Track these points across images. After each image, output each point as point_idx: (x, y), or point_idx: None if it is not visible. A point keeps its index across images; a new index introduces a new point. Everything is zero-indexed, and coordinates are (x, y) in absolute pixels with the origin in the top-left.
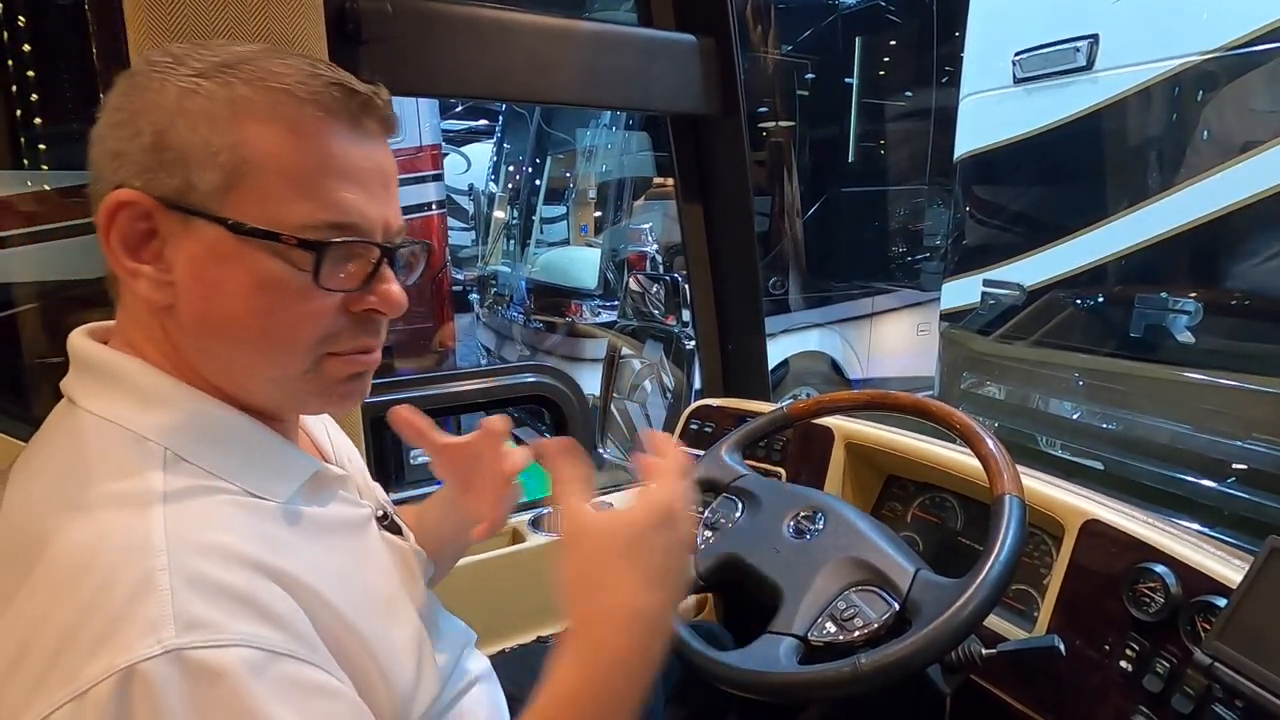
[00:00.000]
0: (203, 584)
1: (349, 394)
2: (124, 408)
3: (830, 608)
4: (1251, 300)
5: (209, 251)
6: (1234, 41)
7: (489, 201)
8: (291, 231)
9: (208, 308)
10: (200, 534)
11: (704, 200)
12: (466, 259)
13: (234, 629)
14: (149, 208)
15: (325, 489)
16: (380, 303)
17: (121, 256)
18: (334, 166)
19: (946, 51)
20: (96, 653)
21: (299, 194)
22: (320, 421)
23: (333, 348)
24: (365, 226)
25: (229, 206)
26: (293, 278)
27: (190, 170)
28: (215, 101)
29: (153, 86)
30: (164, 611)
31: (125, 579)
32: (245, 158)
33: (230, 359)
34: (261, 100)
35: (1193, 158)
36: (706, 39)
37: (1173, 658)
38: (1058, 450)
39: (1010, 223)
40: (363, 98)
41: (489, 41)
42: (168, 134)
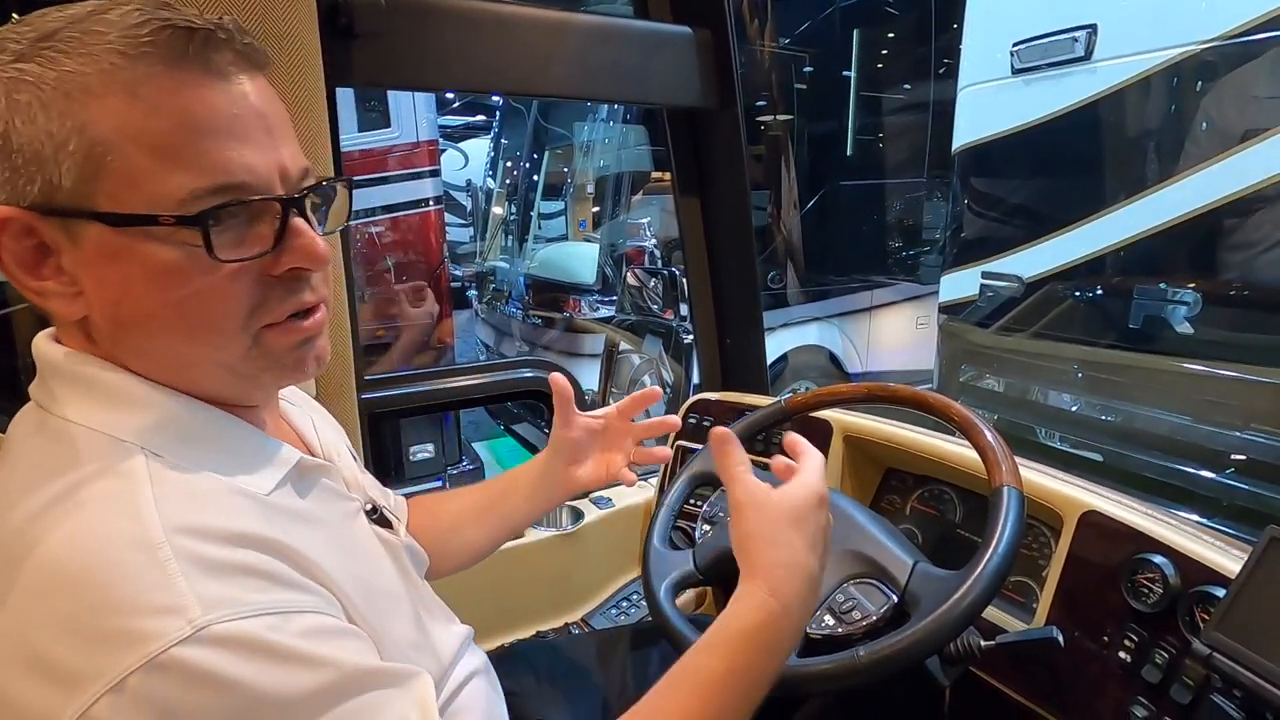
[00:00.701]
0: (210, 564)
1: (301, 362)
2: (97, 412)
3: (829, 600)
4: (1251, 291)
5: (99, 252)
6: (1232, 30)
7: (487, 197)
8: (171, 210)
9: (119, 311)
10: (194, 519)
11: (701, 194)
12: (465, 255)
13: (252, 600)
14: (26, 221)
15: (308, 479)
16: (300, 258)
17: (22, 278)
18: (197, 123)
19: (944, 43)
20: (126, 643)
21: (170, 165)
22: (307, 415)
23: (267, 318)
24: (256, 182)
25: (100, 198)
26: (191, 259)
27: (44, 169)
28: (43, 85)
29: None
30: (183, 594)
31: (136, 571)
32: (95, 139)
33: (166, 355)
34: (91, 69)
35: (1192, 147)
36: (703, 31)
37: (1171, 648)
38: (1057, 442)
39: (1009, 214)
40: (203, 33)
41: (484, 34)
42: (9, 135)
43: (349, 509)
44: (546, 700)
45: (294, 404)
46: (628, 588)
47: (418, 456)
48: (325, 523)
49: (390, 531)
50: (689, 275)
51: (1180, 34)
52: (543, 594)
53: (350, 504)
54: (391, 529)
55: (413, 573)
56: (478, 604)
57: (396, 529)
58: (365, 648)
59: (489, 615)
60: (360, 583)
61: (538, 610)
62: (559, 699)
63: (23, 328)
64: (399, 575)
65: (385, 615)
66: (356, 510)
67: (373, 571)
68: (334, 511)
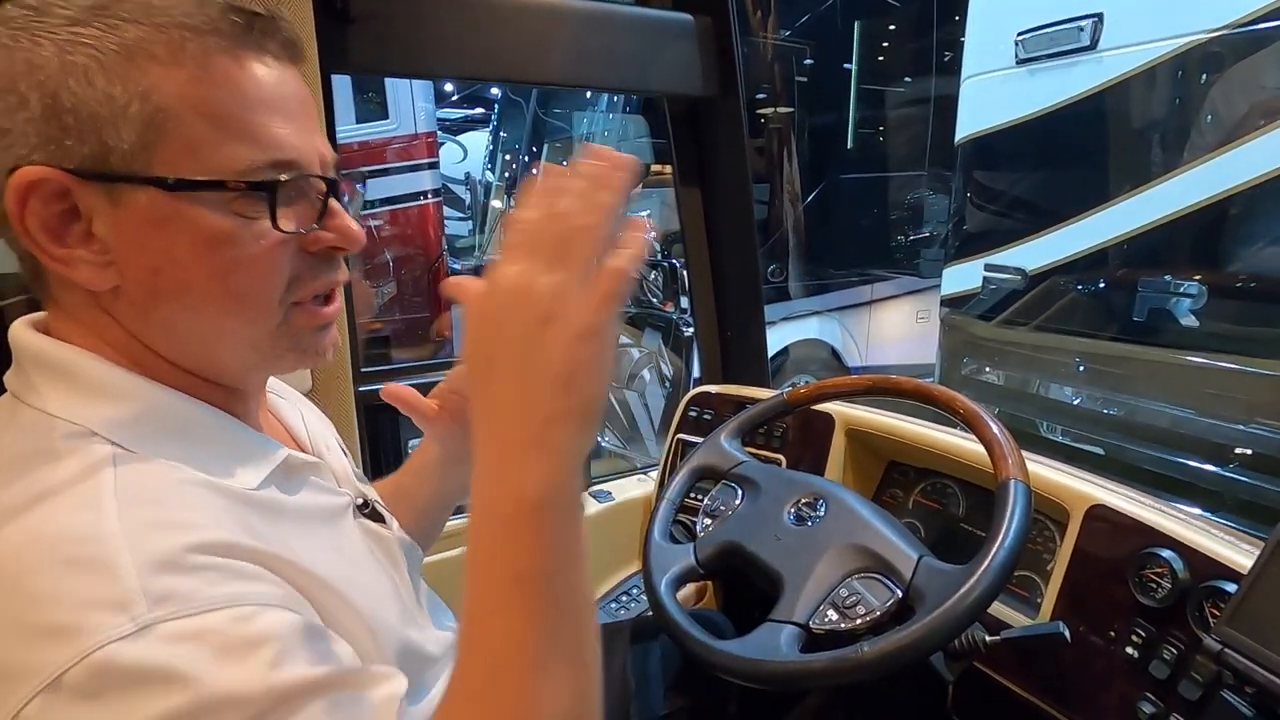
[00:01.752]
0: (166, 559)
1: (320, 346)
2: (68, 401)
3: (832, 595)
4: (1258, 283)
5: (145, 218)
6: (1241, 19)
7: (485, 190)
8: (236, 177)
9: (160, 279)
10: (156, 514)
11: (702, 184)
12: (463, 248)
13: (208, 594)
14: (64, 183)
15: (296, 475)
16: (339, 238)
17: (47, 245)
18: (256, 100)
19: (946, 35)
20: (63, 639)
21: (230, 136)
22: (295, 408)
23: (300, 293)
24: (304, 161)
25: (155, 163)
26: (243, 227)
27: (101, 131)
28: (104, 49)
29: (19, 45)
30: (132, 590)
31: (84, 565)
32: (159, 105)
33: (196, 329)
34: (158, 38)
35: (1198, 138)
36: (704, 18)
37: (1180, 644)
38: (1059, 436)
39: (1012, 206)
40: (263, 20)
41: (481, 21)
42: (60, 96)
43: (338, 505)
44: None
45: (282, 397)
46: (628, 581)
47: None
48: (311, 519)
49: (383, 525)
50: (690, 267)
51: (1187, 23)
52: None
53: (339, 500)
54: (384, 523)
55: (404, 567)
56: None
57: (389, 523)
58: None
59: None
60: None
61: None
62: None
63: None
64: (390, 570)
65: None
66: (346, 506)
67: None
68: (322, 507)
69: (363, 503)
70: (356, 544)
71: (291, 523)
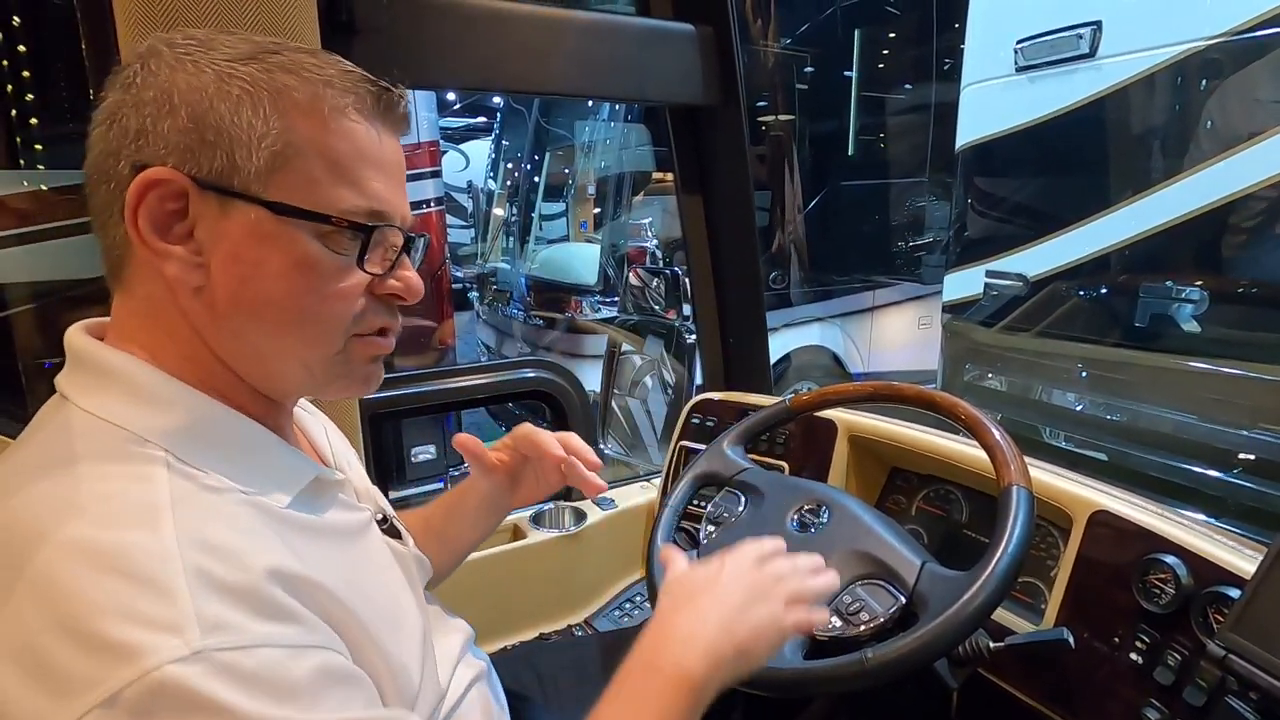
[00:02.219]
0: (219, 586)
1: (370, 376)
2: (123, 407)
3: (836, 602)
4: (1259, 288)
5: (249, 232)
6: (1239, 26)
7: (488, 199)
8: (340, 215)
9: (244, 288)
10: (210, 535)
11: (704, 192)
12: (466, 256)
13: (255, 630)
14: (184, 187)
15: (325, 494)
16: (403, 288)
17: (151, 237)
18: (369, 158)
19: (946, 43)
20: (123, 657)
21: (341, 181)
22: (319, 424)
23: (360, 329)
24: (392, 215)
25: (272, 189)
26: (330, 260)
27: (235, 152)
28: (258, 87)
29: (183, 68)
30: (186, 614)
31: (143, 582)
32: (291, 142)
33: (263, 342)
34: (304, 89)
35: (1197, 145)
36: (705, 28)
37: (1184, 650)
38: (1062, 441)
39: (1013, 213)
40: (391, 96)
41: (484, 31)
42: (208, 115)
43: (361, 521)
44: (549, 702)
45: (308, 412)
46: (631, 589)
47: (419, 458)
48: (339, 538)
49: (400, 542)
50: (692, 274)
51: (1186, 30)
52: (546, 595)
53: (361, 515)
54: (401, 539)
55: (420, 583)
56: (480, 606)
57: (405, 539)
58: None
59: (492, 617)
60: (370, 601)
61: (541, 612)
62: (562, 701)
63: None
64: (408, 587)
65: (393, 633)
66: (368, 521)
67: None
68: (347, 525)
69: (382, 518)
70: (381, 560)
71: (319, 541)
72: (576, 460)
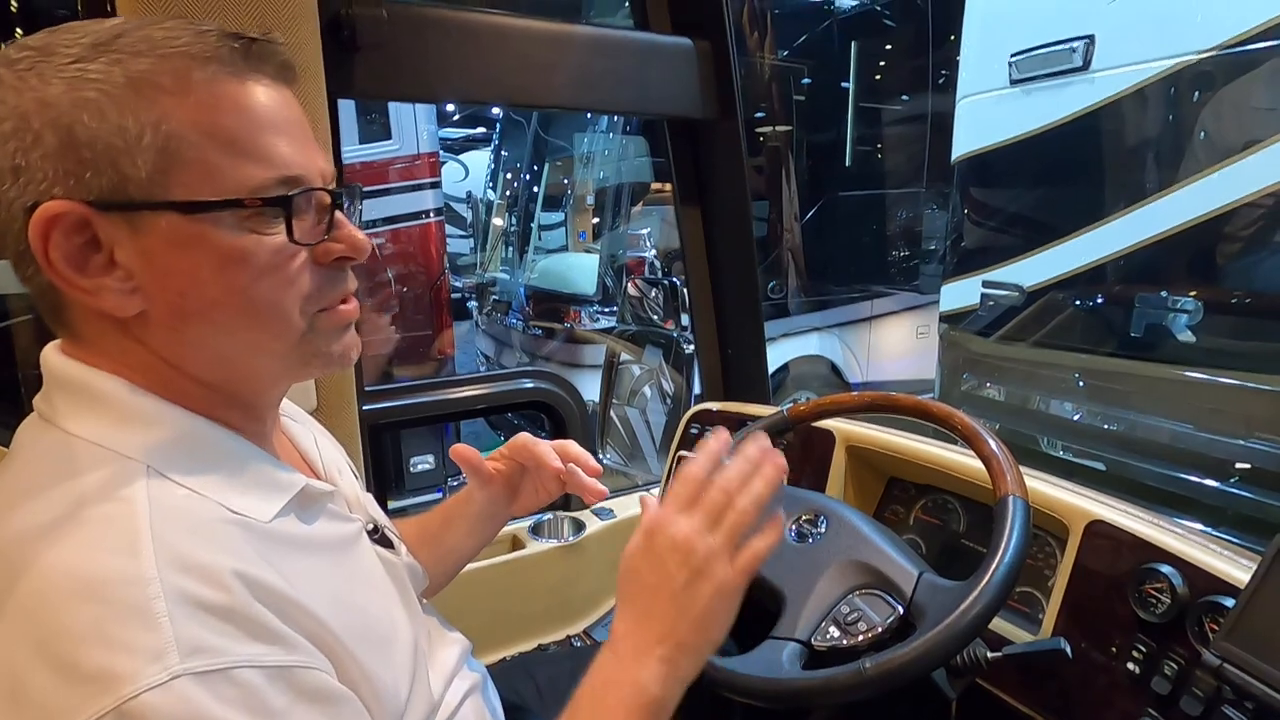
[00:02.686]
0: (199, 606)
1: (347, 348)
2: (103, 427)
3: (834, 612)
4: (1252, 298)
5: (167, 242)
6: (1229, 40)
7: (487, 209)
8: (250, 195)
9: (186, 300)
10: (190, 554)
11: (702, 203)
12: (465, 266)
13: (236, 651)
14: (84, 215)
15: (313, 505)
16: (347, 248)
17: (72, 277)
18: (261, 122)
19: (942, 55)
20: (101, 684)
21: (240, 157)
22: (309, 432)
23: (322, 303)
24: (309, 175)
25: (173, 188)
26: (259, 244)
27: (118, 162)
28: (113, 83)
29: (28, 85)
30: (165, 638)
31: (122, 609)
32: (171, 133)
33: (224, 345)
34: (163, 68)
35: (1190, 156)
36: (703, 42)
37: (1181, 659)
38: (1059, 451)
39: (1009, 224)
40: (260, 45)
41: (485, 46)
42: (74, 130)
43: (351, 532)
44: (548, 713)
45: (295, 420)
46: None
47: (418, 468)
48: (327, 550)
49: (392, 552)
50: (690, 285)
51: (1178, 44)
52: (544, 606)
53: (351, 526)
54: (393, 549)
55: (413, 592)
56: (479, 616)
57: (398, 549)
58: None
59: (490, 628)
60: (358, 616)
61: (539, 622)
62: (560, 712)
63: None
64: (400, 597)
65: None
66: (359, 532)
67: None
68: (336, 536)
69: (373, 528)
70: (370, 572)
71: (304, 554)
72: (576, 468)
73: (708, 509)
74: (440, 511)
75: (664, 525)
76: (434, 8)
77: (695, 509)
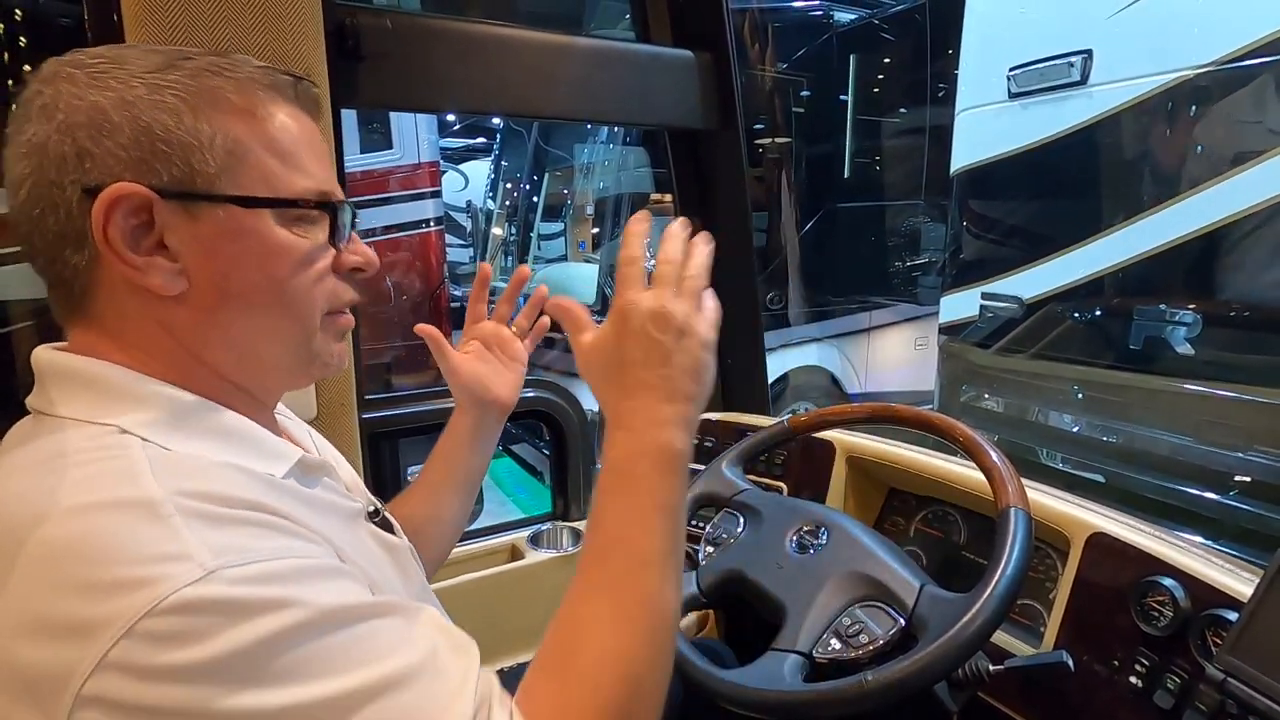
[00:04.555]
0: (214, 519)
1: (340, 354)
2: (96, 406)
3: (835, 624)
4: (1251, 311)
5: (220, 231)
6: (1227, 55)
7: (487, 218)
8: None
9: (228, 283)
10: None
11: (703, 214)
12: (464, 275)
13: (262, 546)
14: (148, 199)
15: (312, 474)
16: (363, 260)
17: (125, 254)
18: (303, 142)
19: (940, 69)
20: (134, 588)
21: (290, 169)
22: (302, 428)
23: (332, 305)
24: (335, 193)
25: (233, 186)
26: (299, 243)
27: (190, 157)
28: (190, 93)
29: (106, 86)
30: (190, 543)
31: (137, 529)
32: (238, 139)
33: (250, 330)
34: (234, 89)
35: (1188, 171)
36: (704, 54)
37: (1184, 673)
38: (1058, 463)
39: (1007, 236)
40: (303, 84)
41: (488, 57)
42: (153, 127)
43: (352, 509)
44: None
45: (290, 418)
46: None
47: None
48: (333, 514)
49: (393, 535)
50: None
51: (1175, 59)
52: (542, 617)
53: (353, 504)
54: (393, 532)
55: (415, 578)
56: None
57: (398, 532)
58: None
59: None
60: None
61: (537, 633)
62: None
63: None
64: (402, 580)
65: None
66: (359, 511)
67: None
68: (339, 507)
69: (374, 510)
70: (372, 549)
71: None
72: None
73: (662, 279)
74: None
75: (635, 303)
76: (437, 18)
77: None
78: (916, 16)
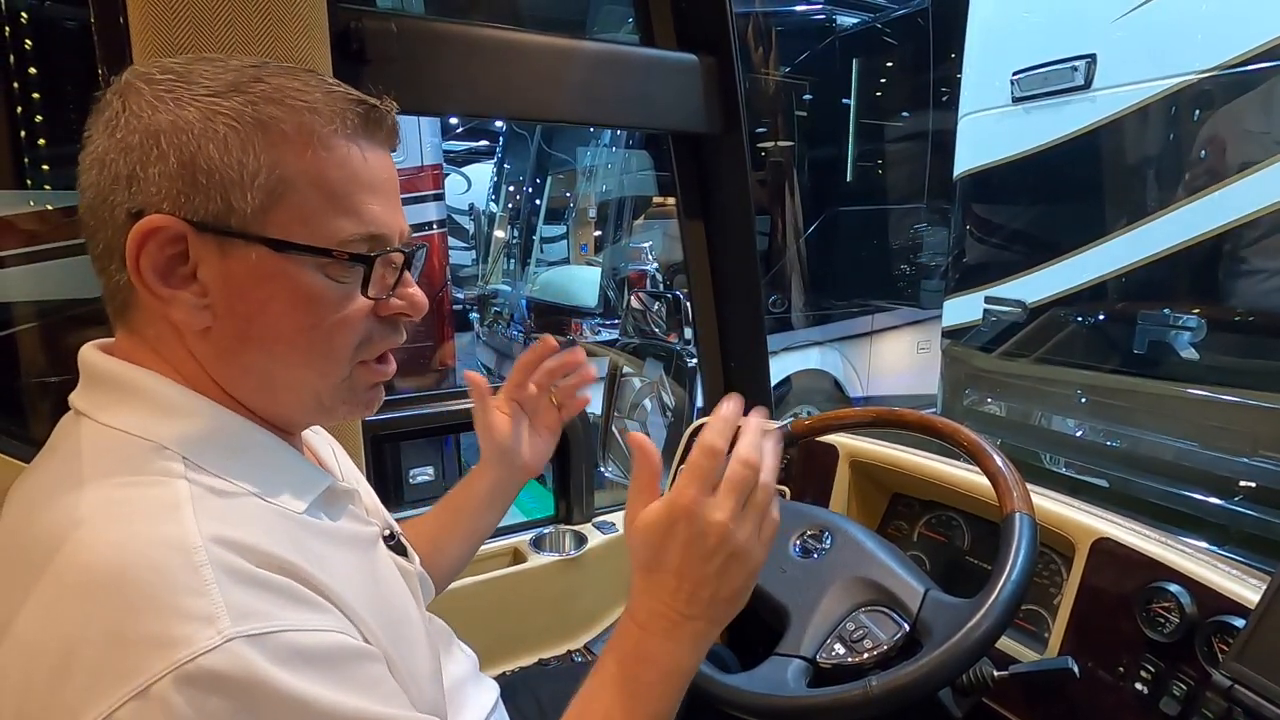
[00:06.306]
0: (244, 577)
1: (372, 400)
2: (140, 418)
3: (839, 629)
4: (1256, 316)
5: (250, 271)
6: (1231, 60)
7: (489, 221)
8: (338, 246)
9: (251, 326)
10: (229, 534)
11: (706, 217)
12: (467, 278)
13: (284, 616)
14: (182, 231)
15: (337, 504)
16: (408, 306)
17: (155, 284)
18: (362, 181)
19: (942, 73)
20: (155, 649)
21: (337, 210)
22: (326, 444)
23: (367, 353)
24: (390, 236)
25: (270, 226)
26: (333, 290)
27: (229, 193)
28: (244, 122)
29: (164, 106)
30: (216, 603)
31: (170, 576)
32: (284, 177)
33: (270, 374)
34: (290, 120)
35: (1191, 175)
36: (708, 58)
37: (1190, 679)
38: (1061, 468)
39: (1010, 240)
40: (378, 112)
41: (492, 61)
42: (197, 157)
43: (371, 535)
44: None
45: (314, 432)
46: None
47: (418, 479)
48: (352, 546)
49: (406, 560)
50: (693, 298)
51: (1178, 64)
52: (545, 621)
53: (371, 529)
54: (406, 556)
55: (423, 602)
56: (480, 632)
57: (411, 557)
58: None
59: (491, 643)
60: (384, 613)
61: (540, 638)
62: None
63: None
64: (415, 605)
65: (407, 645)
66: (376, 536)
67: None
68: (358, 535)
69: (389, 534)
70: (390, 576)
71: (334, 547)
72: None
73: (737, 487)
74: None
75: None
76: (442, 22)
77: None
78: (919, 20)
